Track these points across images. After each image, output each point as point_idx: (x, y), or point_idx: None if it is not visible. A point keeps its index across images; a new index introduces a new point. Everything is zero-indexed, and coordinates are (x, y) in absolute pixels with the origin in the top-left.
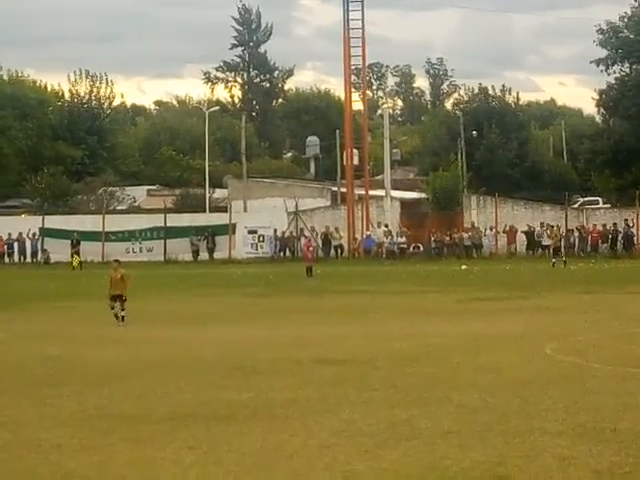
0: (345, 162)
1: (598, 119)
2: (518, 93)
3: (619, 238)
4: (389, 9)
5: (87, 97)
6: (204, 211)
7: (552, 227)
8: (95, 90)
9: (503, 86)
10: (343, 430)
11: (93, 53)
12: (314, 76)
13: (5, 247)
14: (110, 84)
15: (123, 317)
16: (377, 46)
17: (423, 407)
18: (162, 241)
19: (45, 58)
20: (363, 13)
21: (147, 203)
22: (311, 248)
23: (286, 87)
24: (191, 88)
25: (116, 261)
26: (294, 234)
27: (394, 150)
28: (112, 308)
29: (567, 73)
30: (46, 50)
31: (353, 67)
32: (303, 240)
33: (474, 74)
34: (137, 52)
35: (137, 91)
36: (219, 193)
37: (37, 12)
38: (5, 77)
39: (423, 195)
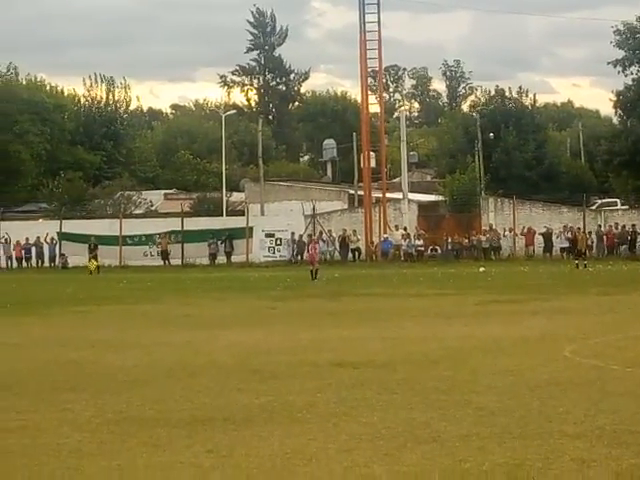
0: (362, 165)
1: (615, 120)
2: (535, 95)
3: (638, 239)
4: (399, 11)
5: (104, 101)
6: (221, 215)
7: (579, 229)
8: (111, 94)
9: (520, 88)
10: (362, 433)
11: (105, 57)
12: (327, 79)
13: (23, 252)
14: (127, 88)
15: None
16: (390, 48)
17: (442, 410)
18: (179, 245)
19: (56, 62)
20: (379, 15)
21: (164, 207)
22: (316, 251)
23: (302, 90)
24: (204, 92)
25: None
26: (313, 237)
27: (411, 153)
28: None
29: (581, 75)
30: (57, 54)
31: (369, 70)
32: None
33: (488, 76)
34: (149, 56)
35: (150, 95)
36: (236, 196)
37: (47, 16)
38: (23, 82)
39: (440, 197)
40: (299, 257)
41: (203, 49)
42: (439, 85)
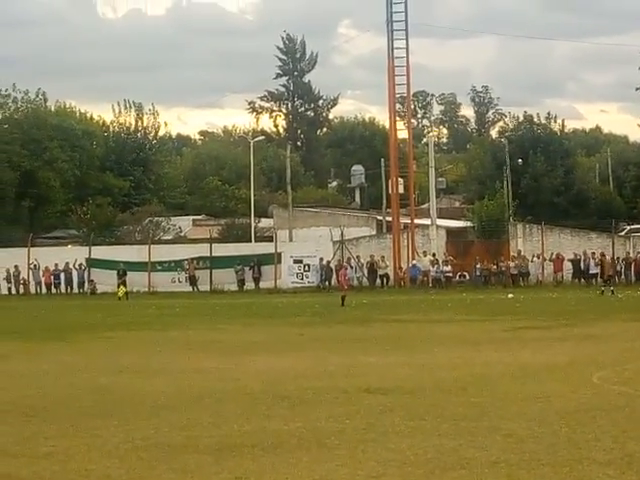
0: (390, 191)
1: None
2: (563, 121)
3: None
4: (426, 37)
5: (132, 127)
6: (250, 241)
7: (602, 255)
8: (140, 121)
9: (548, 114)
10: (390, 460)
11: (133, 83)
12: (355, 105)
13: (52, 278)
14: (156, 114)
15: None
16: (417, 74)
17: (470, 436)
18: (208, 271)
19: (85, 88)
20: (407, 41)
21: (193, 233)
22: (347, 277)
23: (330, 116)
24: (232, 118)
25: None
26: (343, 263)
27: (439, 179)
28: None
29: (609, 100)
30: (85, 81)
31: (397, 95)
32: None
33: (515, 102)
34: (177, 82)
35: (178, 121)
36: (265, 222)
37: (75, 43)
38: (52, 108)
39: (469, 223)
40: (327, 283)
41: (231, 75)
42: (467, 111)
